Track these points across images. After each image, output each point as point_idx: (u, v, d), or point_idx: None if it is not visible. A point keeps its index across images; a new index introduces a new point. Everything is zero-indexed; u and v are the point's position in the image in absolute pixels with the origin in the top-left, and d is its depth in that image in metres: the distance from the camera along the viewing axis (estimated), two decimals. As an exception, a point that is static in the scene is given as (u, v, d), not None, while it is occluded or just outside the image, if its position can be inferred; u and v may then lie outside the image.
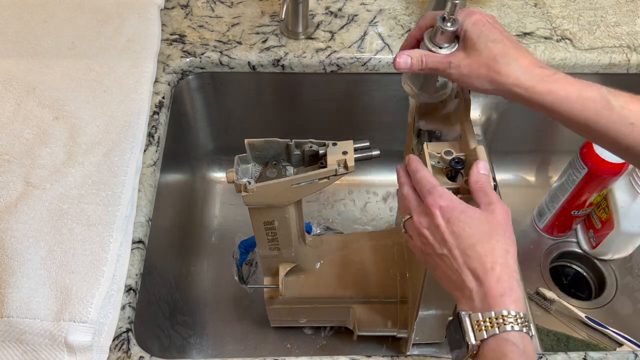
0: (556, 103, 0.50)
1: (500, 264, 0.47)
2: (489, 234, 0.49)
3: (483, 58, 0.51)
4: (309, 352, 0.90)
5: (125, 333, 0.62)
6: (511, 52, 0.51)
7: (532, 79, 0.50)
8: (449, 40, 0.55)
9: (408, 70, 0.56)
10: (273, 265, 0.77)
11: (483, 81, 0.52)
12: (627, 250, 0.98)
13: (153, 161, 0.76)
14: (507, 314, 0.45)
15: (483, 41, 0.52)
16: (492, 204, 0.51)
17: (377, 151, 0.65)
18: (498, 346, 0.45)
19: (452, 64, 0.53)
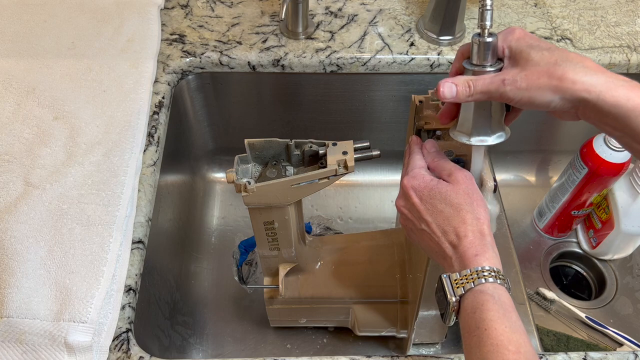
0: (634, 113, 0.44)
1: (472, 231, 0.51)
2: (458, 206, 0.52)
3: (542, 67, 0.46)
4: (309, 352, 0.90)
5: (125, 333, 0.62)
6: (573, 56, 0.46)
7: (605, 83, 0.45)
8: (492, 59, 0.49)
9: (454, 99, 0.49)
10: (273, 265, 0.77)
11: (546, 92, 0.46)
12: (627, 250, 0.98)
13: (153, 161, 0.76)
14: (481, 269, 0.49)
15: (537, 51, 0.47)
16: (452, 174, 0.54)
17: (377, 151, 0.65)
18: (475, 298, 0.48)
19: (507, 80, 0.47)
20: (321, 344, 0.91)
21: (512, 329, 0.46)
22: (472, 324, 0.47)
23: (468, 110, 0.53)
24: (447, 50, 0.87)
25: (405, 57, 0.87)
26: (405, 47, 0.88)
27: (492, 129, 0.53)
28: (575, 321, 0.94)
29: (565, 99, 0.46)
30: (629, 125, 0.45)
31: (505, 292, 0.49)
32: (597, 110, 0.46)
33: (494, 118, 0.52)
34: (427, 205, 0.53)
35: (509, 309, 0.48)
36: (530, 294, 0.96)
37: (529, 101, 0.47)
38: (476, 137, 0.53)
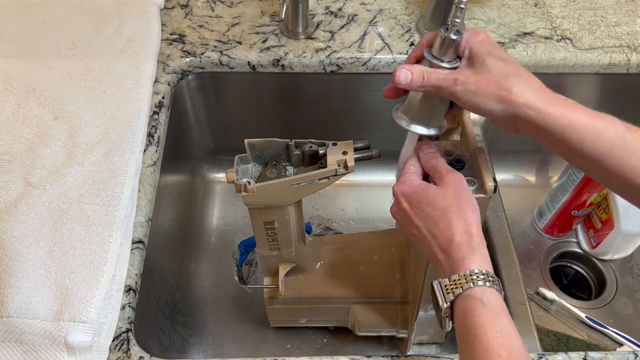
0: (569, 129, 0.47)
1: (459, 234, 0.51)
2: (445, 210, 0.52)
3: (494, 75, 0.48)
4: (309, 352, 0.90)
5: (125, 333, 0.62)
6: (522, 73, 0.49)
7: (544, 102, 0.47)
8: (452, 55, 0.51)
9: (407, 87, 0.51)
10: (273, 265, 0.77)
11: (491, 100, 0.48)
12: (627, 250, 0.98)
13: (153, 161, 0.76)
14: (469, 273, 0.48)
15: (494, 59, 0.49)
16: (442, 178, 0.54)
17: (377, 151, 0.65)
18: (464, 303, 0.48)
19: (459, 80, 0.49)
20: (321, 344, 0.91)
21: (503, 333, 0.46)
22: (463, 330, 0.48)
23: (415, 98, 0.54)
24: (447, 50, 0.87)
25: (405, 57, 0.87)
26: (405, 47, 0.88)
27: (431, 121, 0.55)
28: (575, 321, 0.93)
29: (507, 110, 0.48)
30: (565, 140, 0.47)
31: (495, 295, 0.48)
32: (535, 126, 0.48)
33: (437, 111, 0.54)
34: (416, 210, 0.54)
35: (499, 312, 0.47)
36: (530, 294, 0.96)
37: (474, 105, 0.49)
38: (415, 125, 0.55)
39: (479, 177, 0.59)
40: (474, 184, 0.59)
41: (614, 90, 0.94)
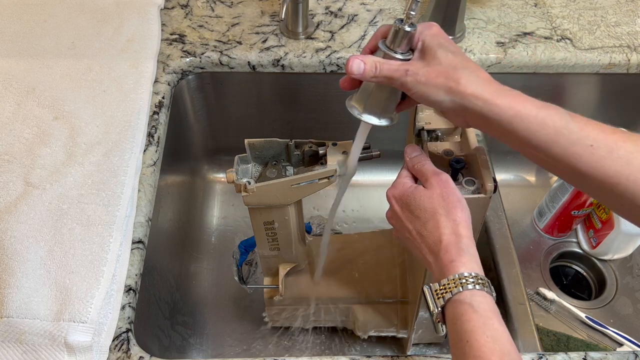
0: (515, 119, 0.48)
1: (447, 235, 0.51)
2: (433, 211, 0.52)
3: (443, 67, 0.49)
4: (308, 352, 0.90)
5: (125, 333, 0.62)
6: (471, 65, 0.50)
7: (491, 92, 0.48)
8: (405, 47, 0.52)
9: (360, 77, 0.51)
10: (273, 265, 0.77)
11: (440, 91, 0.49)
12: (627, 251, 0.98)
13: (153, 161, 0.76)
14: (458, 277, 0.48)
15: (443, 51, 0.50)
16: (427, 180, 0.55)
17: (377, 151, 0.65)
18: (454, 308, 0.48)
19: (409, 71, 0.50)
20: (321, 344, 0.91)
21: (493, 338, 0.45)
22: (455, 336, 0.47)
23: (368, 88, 0.54)
24: (447, 50, 0.87)
25: (405, 57, 0.87)
26: (405, 47, 0.88)
27: (383, 112, 0.55)
28: (575, 321, 0.93)
29: (455, 101, 0.49)
30: (512, 130, 0.48)
31: (485, 298, 0.48)
32: (483, 116, 0.49)
33: (388, 103, 0.55)
34: (407, 213, 0.55)
35: (490, 315, 0.47)
36: (530, 294, 0.96)
37: (424, 95, 0.50)
38: (367, 115, 0.55)
39: (479, 177, 0.59)
40: (474, 184, 0.59)
41: (614, 90, 0.94)
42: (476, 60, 0.87)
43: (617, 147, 0.46)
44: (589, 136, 0.46)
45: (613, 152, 0.46)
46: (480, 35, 0.90)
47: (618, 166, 0.45)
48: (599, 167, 0.46)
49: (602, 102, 0.96)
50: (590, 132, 0.47)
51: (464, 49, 0.87)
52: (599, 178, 0.46)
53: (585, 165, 0.47)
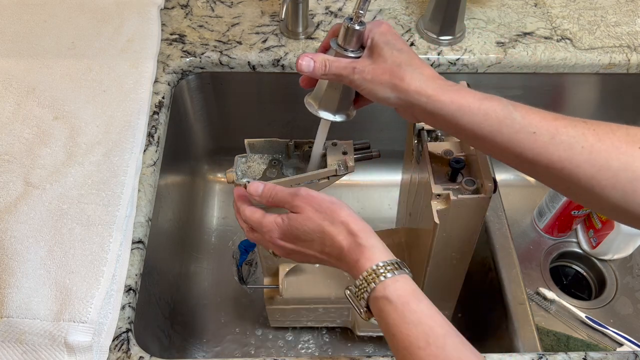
0: (458, 113, 0.49)
1: (344, 239, 0.51)
2: (319, 227, 0.52)
3: (388, 65, 0.50)
4: (309, 352, 0.90)
5: (125, 333, 0.62)
6: (415, 61, 0.51)
7: (435, 88, 0.49)
8: (355, 45, 0.53)
9: (310, 74, 0.53)
10: (273, 265, 0.77)
11: (385, 88, 0.50)
12: (627, 251, 0.98)
13: (153, 161, 0.76)
14: (367, 274, 0.48)
15: (390, 49, 0.51)
16: (292, 205, 0.54)
17: (377, 151, 0.65)
18: (374, 306, 0.49)
19: (357, 69, 0.51)
20: (321, 344, 0.91)
21: (414, 322, 0.45)
22: (384, 332, 0.48)
23: (323, 85, 0.56)
24: (447, 50, 0.87)
25: (405, 57, 0.87)
26: (405, 47, 0.88)
27: (337, 108, 0.57)
28: (575, 321, 0.93)
29: (400, 98, 0.51)
30: (456, 124, 0.49)
31: (396, 282, 0.48)
32: (428, 112, 0.50)
33: (342, 99, 0.56)
34: (300, 244, 0.54)
35: (405, 299, 0.47)
36: (530, 294, 0.96)
37: (370, 92, 0.52)
38: (323, 111, 0.57)
39: (479, 177, 0.59)
40: (474, 184, 0.59)
41: (614, 90, 0.94)
42: (476, 60, 0.87)
43: (558, 132, 0.47)
44: (532, 124, 0.47)
45: (555, 137, 0.47)
46: (480, 35, 0.90)
47: (561, 151, 0.46)
48: (543, 153, 0.47)
49: (602, 102, 0.96)
50: (532, 119, 0.48)
51: (464, 49, 0.87)
52: (544, 164, 0.47)
53: (530, 152, 0.48)
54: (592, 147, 0.46)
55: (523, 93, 0.93)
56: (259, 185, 0.56)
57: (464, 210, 0.60)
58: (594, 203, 0.47)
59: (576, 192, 0.48)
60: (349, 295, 0.51)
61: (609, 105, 0.96)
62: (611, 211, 0.47)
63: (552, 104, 0.96)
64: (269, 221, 0.55)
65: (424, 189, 0.64)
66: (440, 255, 0.66)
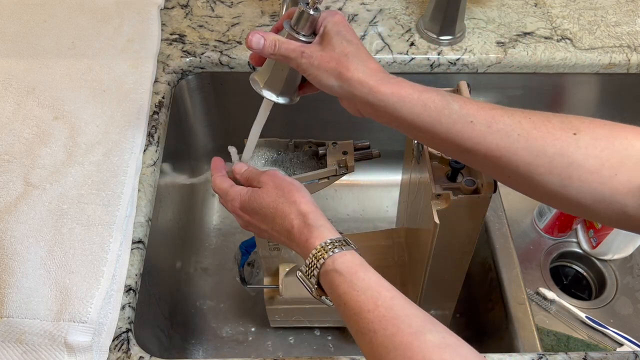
0: (398, 104, 0.50)
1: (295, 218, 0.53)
2: (275, 204, 0.55)
3: (336, 53, 0.51)
4: (309, 352, 0.90)
5: (125, 333, 0.62)
6: (362, 54, 0.52)
7: (376, 80, 0.50)
8: (308, 30, 0.53)
9: (259, 52, 0.54)
10: (273, 265, 0.77)
11: (330, 76, 0.51)
12: (628, 251, 0.98)
13: (153, 161, 0.76)
14: (316, 252, 0.50)
15: (339, 39, 0.52)
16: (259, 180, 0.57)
17: (377, 151, 0.65)
18: (325, 282, 0.50)
19: (305, 53, 0.52)
20: (322, 344, 0.91)
21: (362, 289, 0.47)
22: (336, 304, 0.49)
23: (269, 64, 0.57)
24: (447, 50, 0.87)
25: (405, 57, 0.87)
26: (406, 47, 0.88)
27: (282, 90, 0.58)
28: (575, 321, 0.93)
29: (343, 87, 0.51)
30: (397, 116, 0.50)
31: (344, 256, 0.49)
32: (369, 103, 0.51)
33: (288, 82, 0.57)
34: (256, 217, 0.57)
35: (353, 270, 0.48)
36: (530, 294, 0.96)
37: (316, 79, 0.53)
38: (267, 90, 0.58)
39: (479, 177, 0.59)
40: (474, 184, 0.59)
41: (614, 90, 0.94)
42: (476, 60, 0.87)
43: (495, 121, 0.47)
44: (469, 113, 0.48)
45: (492, 126, 0.47)
46: (480, 35, 0.90)
47: (498, 139, 0.47)
48: (481, 141, 0.48)
49: (602, 102, 0.96)
50: (469, 109, 0.48)
51: (464, 48, 0.87)
52: (482, 152, 0.48)
53: (469, 141, 0.48)
54: (529, 135, 0.47)
55: (523, 93, 0.93)
56: (242, 166, 0.61)
57: (464, 210, 0.60)
58: (533, 190, 0.48)
59: (516, 180, 0.49)
60: (300, 276, 0.52)
61: (609, 105, 0.96)
62: (550, 198, 0.48)
63: (552, 104, 0.96)
64: (234, 191, 0.59)
65: (424, 189, 0.64)
66: (440, 255, 0.66)
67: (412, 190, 0.74)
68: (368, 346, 0.45)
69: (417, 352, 0.42)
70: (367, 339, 0.45)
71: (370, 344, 0.44)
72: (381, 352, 0.43)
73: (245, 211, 0.58)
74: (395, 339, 0.43)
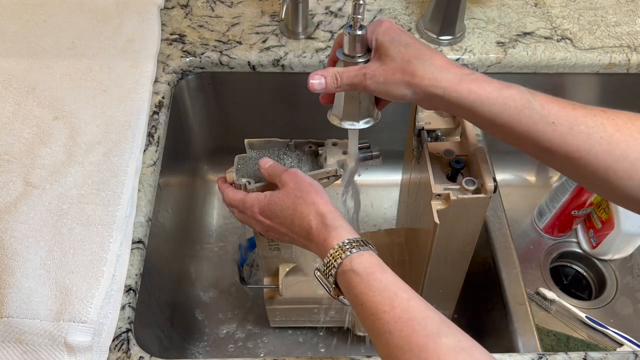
0: (477, 103, 0.48)
1: (313, 218, 0.53)
2: (294, 204, 0.55)
3: (397, 63, 0.50)
4: (309, 352, 0.90)
5: (125, 333, 0.62)
6: (425, 52, 0.50)
7: (450, 79, 0.49)
8: (361, 50, 0.53)
9: (324, 91, 0.54)
10: (273, 265, 0.77)
11: (400, 87, 0.50)
12: (628, 251, 0.98)
13: (153, 161, 0.76)
14: (334, 251, 0.50)
15: (395, 46, 0.51)
16: (280, 180, 0.57)
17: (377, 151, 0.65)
18: (341, 281, 0.50)
19: (367, 74, 0.51)
20: (321, 344, 0.91)
21: (379, 290, 0.47)
22: (353, 303, 0.49)
23: (340, 97, 0.57)
24: (447, 50, 0.87)
25: (405, 57, 0.87)
26: (405, 47, 0.88)
27: (360, 115, 0.57)
28: (575, 321, 0.93)
29: (416, 93, 0.50)
30: (475, 114, 0.49)
31: (362, 257, 0.50)
32: (445, 102, 0.50)
33: (362, 106, 0.57)
34: (276, 220, 0.57)
35: (371, 270, 0.49)
36: (530, 294, 0.96)
37: (386, 93, 0.51)
38: (347, 122, 0.58)
39: (479, 177, 0.59)
40: (474, 184, 0.59)
41: (614, 90, 0.94)
42: (476, 60, 0.87)
43: (577, 122, 0.47)
44: (551, 113, 0.47)
45: (574, 128, 0.47)
46: (480, 35, 0.90)
47: (579, 141, 0.47)
48: (562, 143, 0.47)
49: (602, 102, 0.96)
50: (551, 109, 0.48)
51: (464, 48, 0.87)
52: (562, 153, 0.47)
53: (549, 142, 0.48)
54: (611, 138, 0.46)
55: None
56: (268, 161, 0.61)
57: (464, 210, 0.60)
58: (610, 193, 0.48)
59: (593, 182, 0.48)
60: (318, 275, 0.53)
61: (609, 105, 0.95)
62: (627, 201, 0.47)
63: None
64: (252, 197, 0.59)
65: (424, 189, 0.64)
66: (440, 255, 0.66)
67: (412, 190, 0.74)
68: (384, 347, 0.45)
69: (433, 354, 0.42)
70: (383, 339, 0.45)
71: (386, 345, 0.44)
72: (397, 354, 0.43)
73: (264, 215, 0.58)
74: (410, 340, 0.43)
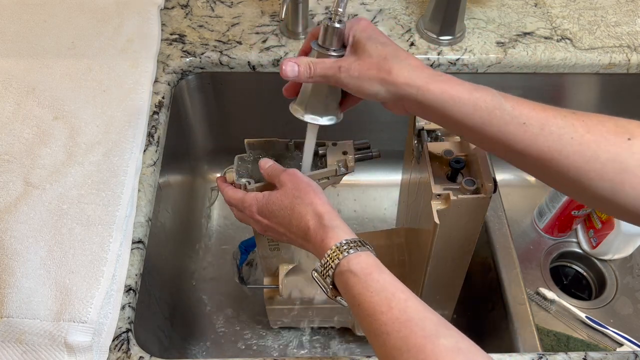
0: (449, 103, 0.48)
1: (311, 219, 0.53)
2: (291, 204, 0.55)
3: (374, 59, 0.50)
4: (309, 352, 0.90)
5: (125, 333, 0.62)
6: (401, 53, 0.51)
7: (423, 78, 0.49)
8: (337, 44, 0.52)
9: (295, 79, 0.53)
10: (273, 265, 0.77)
11: (374, 83, 0.50)
12: (628, 251, 0.98)
13: (153, 161, 0.76)
14: (332, 252, 0.50)
15: (373, 43, 0.51)
16: (279, 180, 0.57)
17: (377, 151, 0.65)
18: (339, 281, 0.50)
19: (342, 67, 0.51)
20: (321, 344, 0.91)
21: (376, 290, 0.47)
22: (350, 304, 0.49)
23: (307, 89, 0.56)
24: (447, 50, 0.87)
25: (405, 57, 0.87)
26: (406, 47, 0.88)
27: (325, 111, 0.56)
28: (575, 321, 0.93)
29: (390, 91, 0.50)
30: (446, 114, 0.49)
31: (359, 257, 0.49)
32: (418, 103, 0.49)
33: (329, 101, 0.56)
34: (274, 219, 0.57)
35: (368, 271, 0.48)
36: (530, 294, 0.96)
37: (359, 89, 0.51)
38: (309, 115, 0.56)
39: (479, 177, 0.59)
40: (474, 184, 0.59)
41: (614, 90, 0.94)
42: (476, 60, 0.87)
43: (548, 123, 0.46)
44: (522, 114, 0.47)
45: (545, 129, 0.46)
46: (480, 35, 0.90)
47: (550, 142, 0.46)
48: (533, 144, 0.47)
49: (602, 102, 0.96)
50: (522, 110, 0.47)
51: (464, 49, 0.87)
52: (533, 155, 0.47)
53: (520, 143, 0.47)
54: (582, 138, 0.45)
55: (523, 93, 0.92)
56: (268, 161, 0.61)
57: (464, 210, 0.60)
58: (581, 194, 0.47)
59: (564, 183, 0.48)
60: (315, 276, 0.52)
61: (609, 105, 0.96)
62: (599, 203, 0.47)
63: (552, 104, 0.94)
64: (250, 197, 0.59)
65: (424, 189, 0.64)
66: (440, 255, 0.66)
67: (412, 190, 0.74)
68: (381, 348, 0.45)
69: (430, 355, 0.42)
70: (381, 340, 0.45)
71: (384, 345, 0.44)
72: (394, 355, 0.43)
73: (263, 215, 0.58)
74: (408, 341, 0.43)
